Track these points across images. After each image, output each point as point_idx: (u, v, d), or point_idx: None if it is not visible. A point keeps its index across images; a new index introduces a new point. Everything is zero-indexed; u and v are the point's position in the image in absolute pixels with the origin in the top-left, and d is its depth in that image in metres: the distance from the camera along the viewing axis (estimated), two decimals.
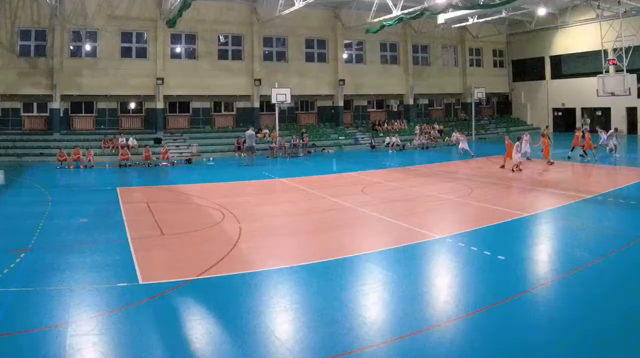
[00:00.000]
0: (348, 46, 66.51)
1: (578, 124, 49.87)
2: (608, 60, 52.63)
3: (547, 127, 56.71)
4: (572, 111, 70.63)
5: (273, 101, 53.63)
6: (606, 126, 54.63)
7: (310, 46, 63.79)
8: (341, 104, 64.84)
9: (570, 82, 69.99)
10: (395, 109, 70.76)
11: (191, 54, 58.66)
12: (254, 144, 47.62)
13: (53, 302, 13.53)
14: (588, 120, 61.86)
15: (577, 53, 69.07)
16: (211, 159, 50.86)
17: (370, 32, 58.28)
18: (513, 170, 36.15)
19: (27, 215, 24.59)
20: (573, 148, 44.16)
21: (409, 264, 16.87)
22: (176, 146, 53.72)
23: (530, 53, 74.95)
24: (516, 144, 36.63)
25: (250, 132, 48.13)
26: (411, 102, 69.31)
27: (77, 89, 53.18)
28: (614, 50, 52.08)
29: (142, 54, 56.13)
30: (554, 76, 72.96)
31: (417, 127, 62.42)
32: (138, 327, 12.06)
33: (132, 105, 58.62)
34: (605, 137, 45.51)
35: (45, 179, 37.19)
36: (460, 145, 49.42)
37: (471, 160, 44.74)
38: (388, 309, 13.41)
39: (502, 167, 38.27)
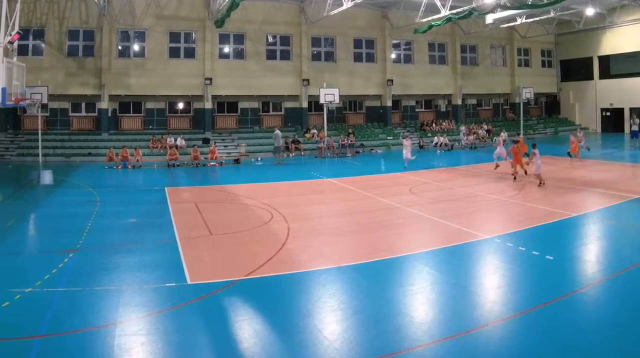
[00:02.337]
0: (396, 46, 62.24)
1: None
2: None
3: (518, 134, 50.09)
4: (620, 111, 66.14)
5: (321, 101, 50.88)
6: None
7: (359, 46, 59.65)
8: (389, 104, 60.91)
9: (619, 82, 65.29)
10: (443, 109, 66.38)
11: (239, 54, 55.24)
12: (281, 144, 46.37)
13: (101, 302, 13.06)
14: (637, 120, 57.47)
15: (626, 53, 64.19)
16: (259, 158, 48.33)
17: (418, 32, 54.20)
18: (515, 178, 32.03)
19: (75, 215, 23.60)
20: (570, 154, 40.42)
21: (457, 264, 16.26)
22: (224, 146, 51.10)
23: (578, 53, 69.68)
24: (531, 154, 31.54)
25: (278, 132, 46.84)
26: (459, 102, 64.96)
27: (125, 89, 50.60)
28: None
29: (190, 54, 53.07)
30: (602, 76, 67.71)
31: (463, 127, 58.51)
32: (186, 327, 11.64)
33: (181, 105, 55.54)
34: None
35: (93, 179, 35.53)
36: (405, 154, 39.95)
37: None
38: (436, 309, 12.93)
39: (515, 175, 32.99)
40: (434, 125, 62.45)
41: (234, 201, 27.53)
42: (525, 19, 57.58)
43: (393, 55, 61.36)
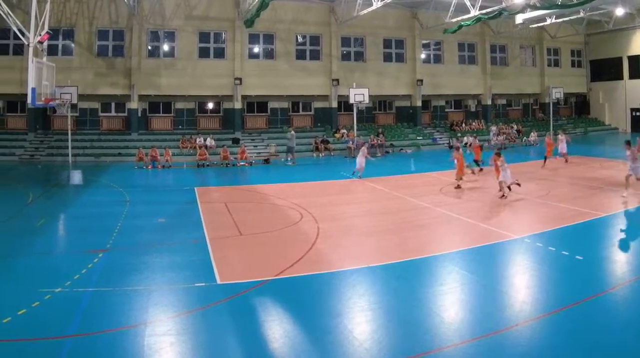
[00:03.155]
0: (426, 46, 59.73)
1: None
2: None
3: (475, 136, 45.34)
4: None
5: (351, 101, 49.13)
6: None
7: (388, 46, 57.39)
8: (419, 103, 58.40)
9: None
10: (473, 109, 64.18)
11: (269, 54, 53.30)
12: (294, 145, 44.82)
13: (131, 302, 12.84)
14: None
15: None
16: (289, 159, 45.85)
17: (448, 32, 51.94)
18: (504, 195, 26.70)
19: (105, 215, 23.10)
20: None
21: (487, 264, 15.97)
22: (254, 146, 49.34)
23: (608, 53, 66.73)
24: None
25: (292, 133, 45.66)
26: (489, 102, 62.34)
27: (155, 89, 49.01)
28: None
29: (220, 54, 51.34)
30: (632, 76, 64.65)
31: (493, 127, 56.10)
32: (215, 327, 11.47)
33: (210, 105, 53.84)
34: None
35: (123, 179, 34.51)
36: (358, 161, 34.65)
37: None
38: (466, 309, 12.59)
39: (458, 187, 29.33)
40: (463, 125, 60.26)
41: (264, 201, 26.86)
42: (555, 19, 55.61)
43: (423, 55, 59.05)
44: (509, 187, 26.07)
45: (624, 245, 18.12)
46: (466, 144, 50.15)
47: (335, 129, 54.50)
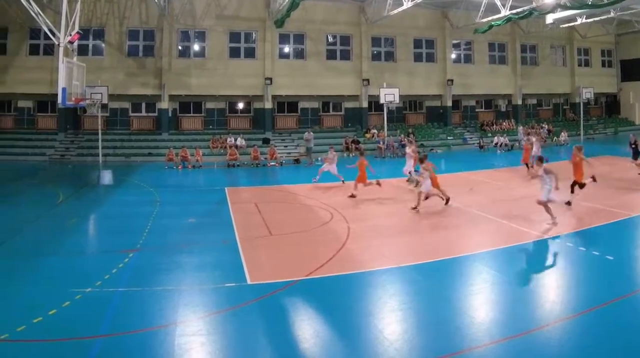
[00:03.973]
0: (456, 46, 57.27)
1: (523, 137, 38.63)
2: None
3: (411, 141, 38.94)
4: None
5: (381, 101, 47.87)
6: None
7: (419, 46, 54.88)
8: (449, 103, 56.00)
9: None
10: (503, 109, 61.62)
11: (299, 54, 51.18)
12: (312, 146, 43.48)
13: (161, 302, 12.45)
14: None
15: None
16: (319, 159, 43.23)
17: (478, 32, 49.48)
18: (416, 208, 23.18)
19: (135, 215, 22.41)
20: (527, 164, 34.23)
21: (517, 264, 15.48)
22: (284, 146, 47.55)
23: (638, 53, 63.51)
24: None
25: (311, 134, 44.66)
26: (519, 102, 59.88)
27: (185, 89, 47.29)
28: None
29: (250, 53, 49.35)
30: None
31: (521, 128, 53.63)
32: (246, 327, 11.07)
33: (241, 105, 51.79)
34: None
35: (153, 179, 33.81)
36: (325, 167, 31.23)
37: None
38: (496, 309, 12.15)
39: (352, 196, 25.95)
40: (494, 125, 57.95)
41: (294, 201, 25.97)
42: (585, 19, 52.74)
43: (453, 55, 56.50)
44: (426, 197, 22.95)
45: None
46: (496, 144, 49.60)
47: (366, 129, 52.43)
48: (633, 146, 30.50)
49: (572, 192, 21.97)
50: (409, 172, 29.15)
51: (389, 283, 13.84)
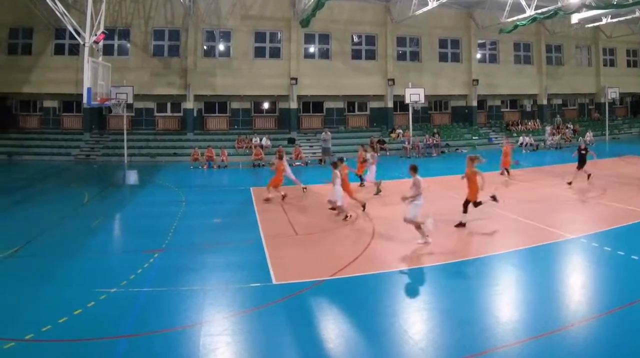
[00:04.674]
0: (481, 46, 55.08)
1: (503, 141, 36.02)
2: None
3: (364, 146, 31.24)
4: None
5: (407, 101, 45.98)
6: None
7: (444, 46, 52.88)
8: (475, 103, 53.89)
9: None
10: (528, 109, 59.34)
11: (325, 54, 49.30)
12: (330, 146, 41.93)
13: (186, 302, 12.04)
14: None
15: None
16: (344, 159, 42.81)
17: (504, 32, 47.38)
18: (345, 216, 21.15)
19: (160, 215, 21.90)
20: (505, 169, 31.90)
21: (542, 264, 14.75)
22: (309, 146, 45.78)
23: None
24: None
25: (329, 134, 42.86)
26: (545, 102, 57.71)
27: (210, 89, 45.71)
28: None
29: (275, 53, 47.73)
30: None
31: (548, 128, 52.09)
32: (271, 327, 10.68)
33: (266, 105, 50.04)
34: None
35: (178, 179, 32.89)
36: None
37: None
38: (522, 309, 11.71)
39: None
40: (519, 125, 55.70)
41: (319, 201, 24.59)
42: (611, 18, 50.54)
43: (478, 55, 54.31)
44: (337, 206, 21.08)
45: None
46: (521, 144, 47.82)
47: (391, 128, 50.47)
48: (583, 151, 27.40)
49: (465, 211, 19.11)
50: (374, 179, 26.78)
51: (414, 283, 13.61)
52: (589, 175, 26.72)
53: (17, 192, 27.83)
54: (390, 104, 51.11)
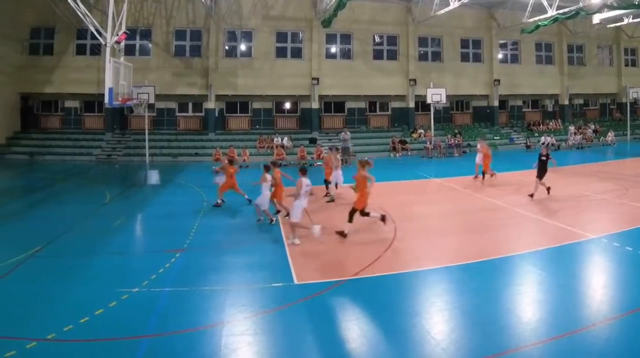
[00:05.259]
0: (503, 46, 53.19)
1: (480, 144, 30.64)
2: None
3: (332, 149, 28.89)
4: None
5: (428, 101, 44.65)
6: None
7: (465, 46, 50.97)
8: (496, 103, 51.97)
9: None
10: (550, 109, 57.28)
11: (346, 54, 47.55)
12: (350, 146, 40.31)
13: (208, 301, 11.75)
14: None
15: None
16: (366, 158, 41.70)
17: (525, 32, 45.95)
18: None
19: (182, 215, 21.22)
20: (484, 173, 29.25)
21: (563, 264, 14.32)
22: (331, 146, 44.43)
23: None
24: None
25: (348, 133, 41.20)
26: (566, 102, 55.57)
27: (232, 89, 44.23)
28: None
29: (297, 53, 46.13)
30: None
31: (571, 128, 50.24)
32: (293, 327, 10.42)
33: (288, 105, 48.44)
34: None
35: (200, 179, 31.55)
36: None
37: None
38: (543, 309, 11.32)
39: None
40: (540, 125, 53.76)
41: (341, 201, 23.99)
42: (632, 18, 48.38)
43: (500, 55, 52.34)
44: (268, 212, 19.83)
45: None
46: (543, 143, 45.44)
47: (413, 128, 48.59)
48: (543, 158, 23.92)
49: (351, 221, 17.40)
50: (336, 185, 24.64)
51: (436, 283, 13.26)
52: (548, 189, 23.63)
53: (38, 192, 27.16)
54: (411, 104, 49.36)
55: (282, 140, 42.77)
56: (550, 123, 54.26)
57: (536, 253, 15.39)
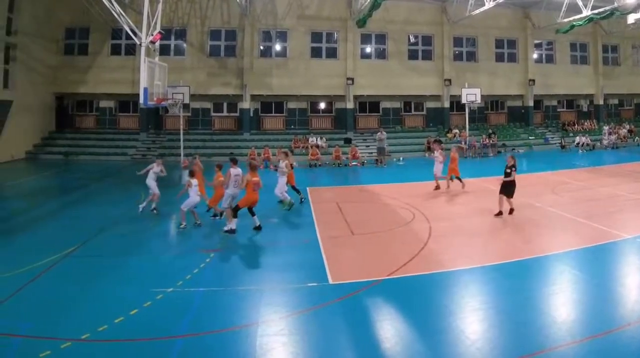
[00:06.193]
0: (538, 46, 50.21)
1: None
2: None
3: (285, 152, 24.24)
4: None
5: (463, 101, 42.22)
6: None
7: (500, 46, 48.26)
8: (531, 103, 49.15)
9: None
10: (585, 109, 54.09)
11: (381, 54, 45.02)
12: (385, 146, 38.41)
13: (243, 301, 11.30)
14: None
15: None
16: (401, 158, 40.30)
17: (560, 32, 43.25)
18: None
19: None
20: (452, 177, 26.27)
21: (598, 264, 13.64)
22: (366, 146, 41.86)
23: None
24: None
25: (384, 133, 39.15)
26: (601, 102, 52.67)
27: (267, 89, 41.97)
28: None
29: (332, 53, 43.77)
30: None
31: (606, 127, 47.47)
32: (327, 327, 10.03)
33: (322, 105, 45.91)
34: None
35: None
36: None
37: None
38: (578, 309, 10.87)
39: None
40: (575, 125, 50.85)
41: (376, 201, 23.48)
42: None
43: (535, 55, 49.31)
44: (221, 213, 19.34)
45: None
46: (578, 144, 44.86)
47: (448, 128, 46.03)
48: (508, 170, 19.49)
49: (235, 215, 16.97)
50: (281, 193, 21.70)
51: (471, 283, 12.62)
52: (511, 210, 19.56)
53: (73, 192, 26.48)
54: (446, 104, 46.76)
55: (317, 140, 40.69)
56: (585, 123, 51.38)
57: (570, 253, 14.80)
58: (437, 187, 25.08)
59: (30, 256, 14.10)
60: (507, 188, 19.12)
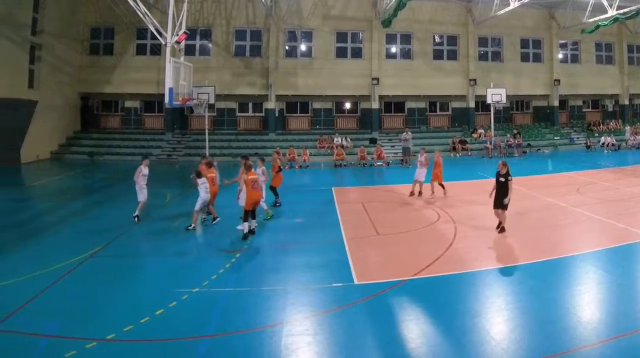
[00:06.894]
0: (563, 46, 48.15)
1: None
2: None
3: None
4: None
5: (488, 101, 40.37)
6: None
7: (525, 46, 46.34)
8: (556, 103, 47.04)
9: None
10: (610, 109, 51.79)
11: (406, 54, 43.26)
12: (410, 146, 36.74)
13: (268, 302, 10.89)
14: None
15: None
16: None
17: (585, 32, 40.85)
18: None
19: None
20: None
21: (624, 264, 13.09)
22: (391, 146, 40.21)
23: None
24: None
25: (409, 133, 37.83)
26: (627, 102, 50.44)
27: (292, 89, 40.36)
28: None
29: (357, 54, 42.03)
30: None
31: (628, 128, 45.74)
32: (353, 327, 9.69)
33: (348, 105, 44.10)
34: None
35: None
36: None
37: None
38: (603, 309, 10.41)
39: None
40: (601, 125, 48.69)
41: (401, 201, 22.58)
42: None
43: (560, 55, 47.19)
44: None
45: None
46: (603, 144, 43.35)
47: (473, 128, 44.14)
48: (501, 178, 16.12)
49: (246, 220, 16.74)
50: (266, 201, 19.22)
51: (496, 283, 12.17)
52: (500, 227, 16.58)
53: (98, 192, 25.95)
54: (471, 104, 44.82)
55: (342, 140, 39.06)
56: (611, 123, 49.26)
57: (596, 253, 14.28)
58: (412, 193, 22.82)
59: (56, 256, 13.66)
60: (502, 200, 15.80)
